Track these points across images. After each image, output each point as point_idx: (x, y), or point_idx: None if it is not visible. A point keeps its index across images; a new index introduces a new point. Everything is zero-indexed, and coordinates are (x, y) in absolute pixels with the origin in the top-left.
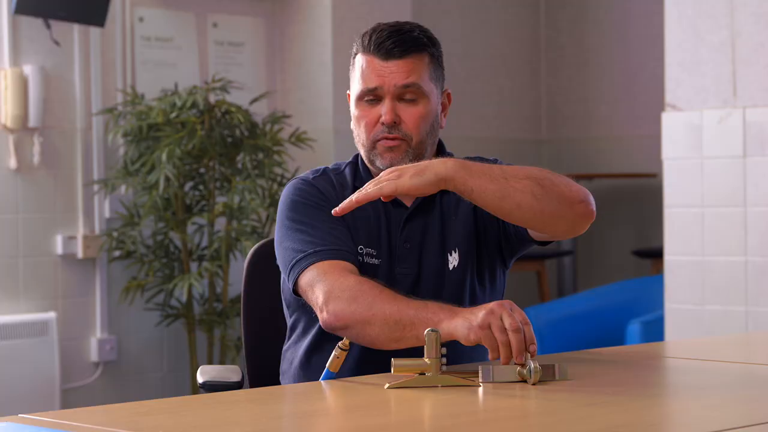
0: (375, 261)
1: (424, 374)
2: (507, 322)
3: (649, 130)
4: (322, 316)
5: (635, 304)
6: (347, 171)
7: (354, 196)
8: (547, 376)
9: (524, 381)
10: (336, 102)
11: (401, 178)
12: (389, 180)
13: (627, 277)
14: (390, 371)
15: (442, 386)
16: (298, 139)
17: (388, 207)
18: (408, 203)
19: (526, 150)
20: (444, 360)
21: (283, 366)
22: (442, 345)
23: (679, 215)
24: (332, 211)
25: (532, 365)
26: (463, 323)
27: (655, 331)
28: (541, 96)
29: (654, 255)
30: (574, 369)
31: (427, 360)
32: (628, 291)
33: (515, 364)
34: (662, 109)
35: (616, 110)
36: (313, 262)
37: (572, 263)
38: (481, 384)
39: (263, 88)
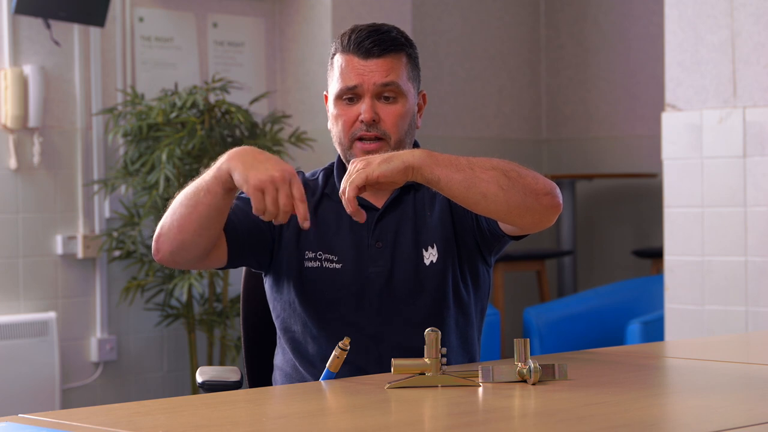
0: (336, 265)
1: (424, 374)
2: (281, 200)
3: (649, 130)
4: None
5: (635, 304)
6: (320, 177)
7: (345, 204)
8: (546, 375)
9: (524, 381)
10: None
11: (369, 167)
12: (358, 172)
13: (627, 277)
14: (390, 371)
15: (442, 386)
16: (298, 139)
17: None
18: (379, 204)
19: (526, 150)
20: (444, 360)
21: (276, 359)
22: (442, 345)
23: (679, 215)
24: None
25: (532, 365)
26: (241, 174)
27: (655, 331)
28: (541, 96)
29: (654, 255)
30: (574, 369)
31: (427, 360)
32: (628, 291)
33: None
34: (662, 109)
35: (616, 110)
36: None
37: (572, 263)
38: (480, 384)
39: (263, 88)
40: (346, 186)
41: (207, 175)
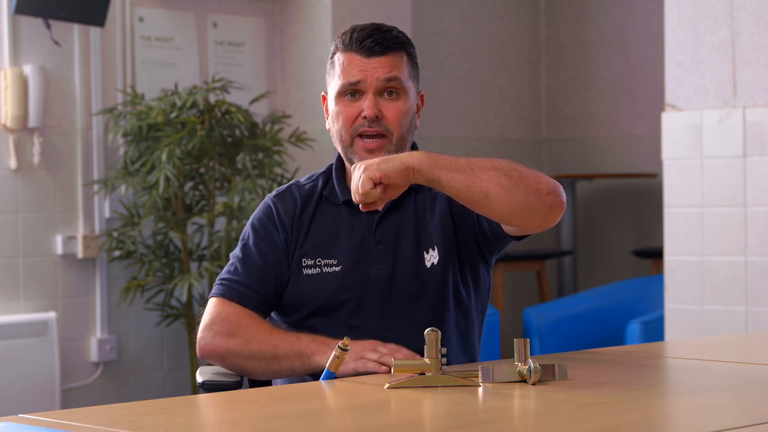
0: (335, 269)
1: (424, 374)
2: (376, 356)
3: (649, 130)
4: (200, 344)
5: (635, 304)
6: (319, 181)
7: (360, 195)
8: (546, 376)
9: (524, 381)
10: None
11: (369, 169)
12: (361, 179)
13: (627, 277)
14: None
15: (442, 386)
16: (298, 139)
17: (357, 215)
18: (379, 207)
19: (526, 150)
20: (444, 360)
21: None
22: (442, 346)
23: (679, 215)
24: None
25: (532, 365)
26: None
27: (655, 331)
28: (541, 96)
29: (654, 255)
30: (574, 369)
31: (427, 360)
32: (628, 291)
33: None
34: (662, 109)
35: (616, 110)
36: (220, 294)
37: (572, 263)
38: (480, 384)
39: (263, 88)
40: (357, 195)
41: (292, 353)
